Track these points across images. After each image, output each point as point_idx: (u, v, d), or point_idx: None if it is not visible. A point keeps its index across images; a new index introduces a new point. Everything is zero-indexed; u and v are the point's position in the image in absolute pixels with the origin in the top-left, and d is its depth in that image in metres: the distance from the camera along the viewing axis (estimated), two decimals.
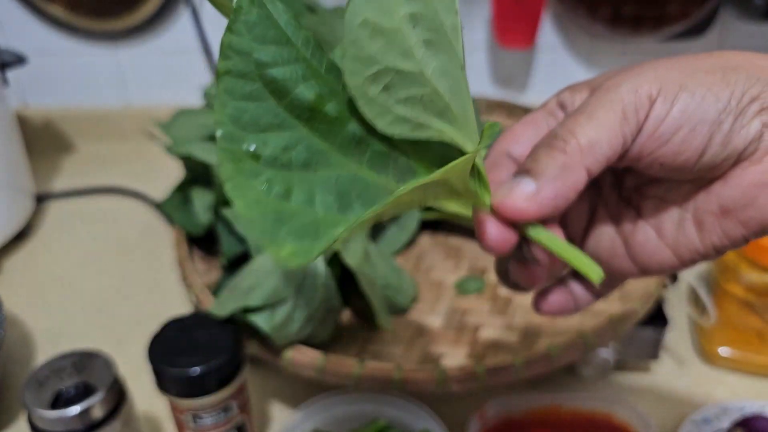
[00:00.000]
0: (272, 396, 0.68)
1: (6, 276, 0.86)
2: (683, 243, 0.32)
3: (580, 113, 0.30)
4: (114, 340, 0.76)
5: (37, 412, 0.50)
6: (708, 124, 0.29)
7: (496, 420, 0.61)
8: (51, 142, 1.12)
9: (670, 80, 0.29)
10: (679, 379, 0.69)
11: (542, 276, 0.33)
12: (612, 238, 0.34)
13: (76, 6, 1.01)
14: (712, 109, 0.29)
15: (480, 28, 1.02)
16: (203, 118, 0.73)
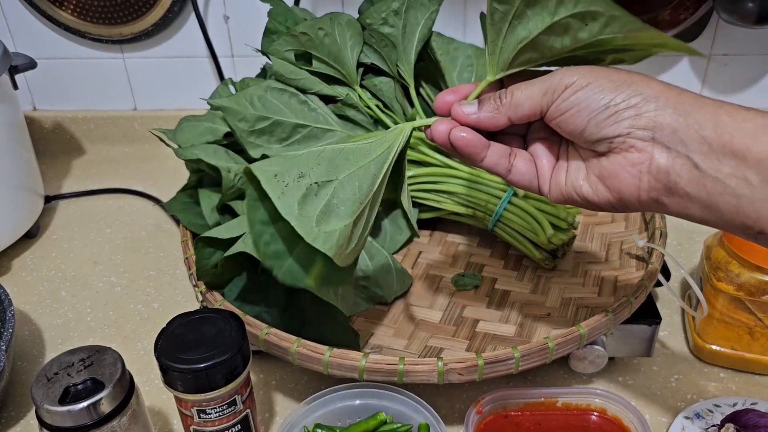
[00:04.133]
0: (276, 390, 0.70)
1: (16, 274, 0.87)
2: (574, 183, 0.48)
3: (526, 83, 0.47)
4: (122, 337, 0.77)
5: (45, 407, 0.51)
6: (590, 111, 0.44)
7: (492, 413, 0.62)
8: (60, 145, 1.14)
9: (584, 78, 0.44)
10: (672, 375, 0.70)
11: None
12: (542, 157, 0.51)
13: (85, 12, 1.03)
14: (597, 103, 0.44)
15: (477, 33, 1.03)
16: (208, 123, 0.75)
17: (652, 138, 0.43)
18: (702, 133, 0.41)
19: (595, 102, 0.44)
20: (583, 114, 0.44)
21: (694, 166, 0.42)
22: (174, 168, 1.07)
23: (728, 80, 1.06)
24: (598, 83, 0.44)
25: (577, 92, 0.44)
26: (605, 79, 0.44)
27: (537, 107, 0.46)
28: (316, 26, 0.72)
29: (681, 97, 0.43)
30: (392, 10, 0.76)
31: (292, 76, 0.72)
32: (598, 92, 0.44)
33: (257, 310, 0.66)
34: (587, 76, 0.44)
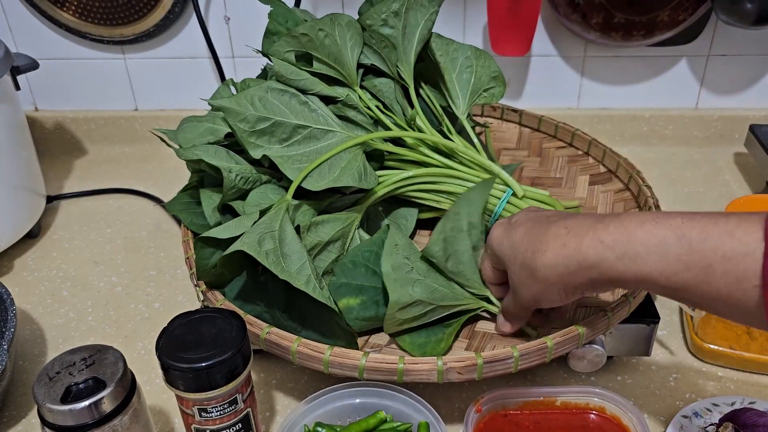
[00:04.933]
0: (277, 389, 0.70)
1: (17, 274, 0.88)
2: None
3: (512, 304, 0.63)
4: (122, 336, 0.78)
5: (47, 406, 0.52)
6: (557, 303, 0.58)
7: (491, 412, 0.63)
8: (61, 145, 1.14)
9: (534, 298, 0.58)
10: (670, 374, 0.71)
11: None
12: None
13: (87, 13, 1.03)
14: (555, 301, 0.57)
15: (476, 34, 1.04)
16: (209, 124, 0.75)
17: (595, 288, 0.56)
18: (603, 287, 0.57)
19: (556, 303, 0.58)
20: (561, 306, 0.63)
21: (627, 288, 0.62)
22: (175, 168, 1.08)
23: (727, 81, 1.06)
24: (540, 296, 0.57)
25: (541, 304, 0.59)
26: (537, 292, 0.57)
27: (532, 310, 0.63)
28: (317, 27, 0.73)
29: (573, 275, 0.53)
30: (392, 11, 0.76)
31: (293, 76, 0.72)
32: (548, 301, 0.58)
33: (258, 310, 0.66)
34: (528, 293, 0.58)
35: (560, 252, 0.53)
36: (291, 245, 0.63)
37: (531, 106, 1.08)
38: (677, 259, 0.47)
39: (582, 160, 0.90)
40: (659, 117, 1.08)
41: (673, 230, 0.48)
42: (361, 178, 0.69)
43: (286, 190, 0.69)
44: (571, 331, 0.60)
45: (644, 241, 0.49)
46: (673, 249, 0.48)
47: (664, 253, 0.48)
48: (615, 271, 0.50)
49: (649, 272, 0.49)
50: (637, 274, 0.49)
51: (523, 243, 0.57)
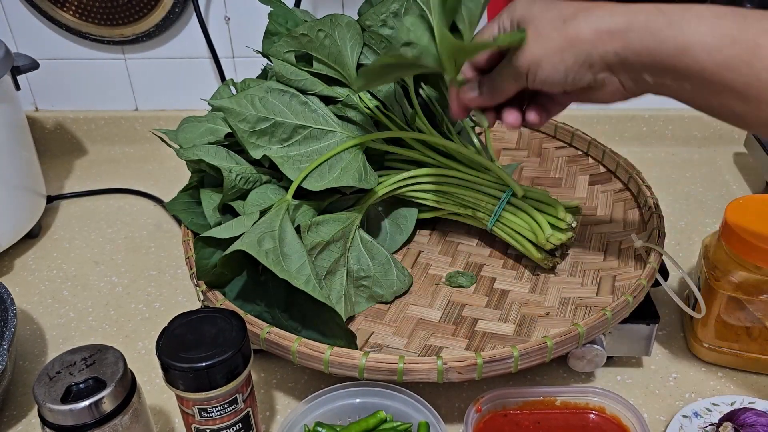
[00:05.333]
0: (277, 389, 0.70)
1: (17, 274, 0.88)
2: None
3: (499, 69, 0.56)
4: (123, 336, 0.78)
5: (47, 406, 0.52)
6: (557, 82, 0.53)
7: (491, 412, 0.63)
8: (62, 145, 1.14)
9: (535, 60, 0.52)
10: (670, 374, 0.71)
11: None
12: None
13: (87, 13, 1.03)
14: (558, 75, 0.52)
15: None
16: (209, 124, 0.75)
17: (612, 72, 0.51)
18: (641, 61, 0.49)
19: (556, 74, 0.52)
20: (556, 83, 0.53)
21: (649, 83, 0.51)
22: (175, 168, 1.08)
23: None
24: (548, 57, 0.52)
25: (537, 73, 0.53)
26: (549, 50, 0.51)
27: (517, 88, 0.56)
28: (317, 28, 0.73)
29: (613, 35, 0.49)
30: (391, 12, 0.76)
31: (293, 77, 0.72)
32: (553, 66, 0.52)
33: (258, 310, 0.66)
34: (534, 51, 0.52)
35: (610, 9, 0.50)
36: (291, 245, 0.63)
37: None
38: (726, 32, 0.46)
39: (582, 160, 0.90)
40: (659, 117, 1.08)
41: (732, 10, 0.47)
42: (361, 178, 0.69)
43: (286, 190, 0.69)
44: (571, 331, 0.60)
45: (700, 12, 0.47)
46: (727, 21, 0.46)
47: (715, 24, 0.46)
48: (660, 36, 0.47)
49: (693, 42, 0.46)
50: (680, 43, 0.47)
51: (563, 3, 0.52)
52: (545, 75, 0.52)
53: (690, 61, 0.47)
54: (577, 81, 0.52)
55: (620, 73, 0.51)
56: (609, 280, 0.73)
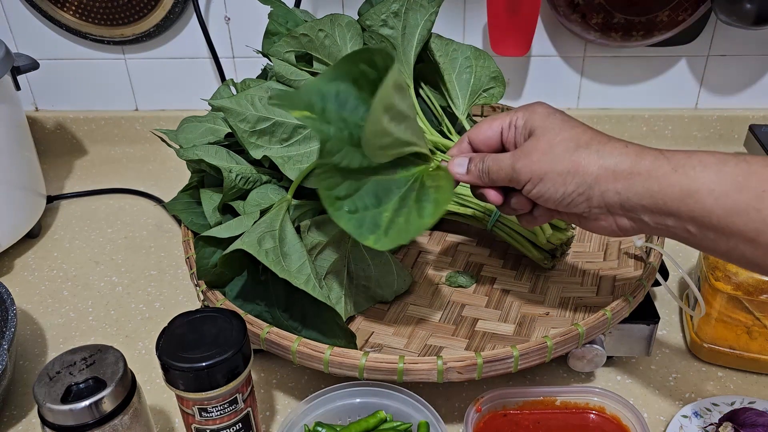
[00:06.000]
0: (277, 389, 0.70)
1: (18, 274, 0.88)
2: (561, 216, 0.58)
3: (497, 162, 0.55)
4: (123, 336, 0.78)
5: (47, 406, 0.52)
6: (553, 200, 0.53)
7: (491, 412, 0.63)
8: (62, 145, 1.14)
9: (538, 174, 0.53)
10: (670, 374, 0.71)
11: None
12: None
13: (87, 13, 1.03)
14: (555, 195, 0.53)
15: (476, 35, 1.04)
16: (209, 124, 0.75)
17: (608, 211, 0.52)
18: (642, 203, 0.50)
19: (553, 192, 0.53)
20: (550, 200, 0.54)
21: (647, 224, 0.52)
22: (175, 168, 1.08)
23: (727, 81, 1.06)
24: (551, 176, 0.52)
25: (537, 185, 0.53)
26: (555, 169, 0.52)
27: (506, 184, 0.56)
28: (317, 27, 0.73)
29: (617, 175, 0.50)
30: (392, 12, 0.76)
31: (293, 77, 0.72)
32: (553, 185, 0.53)
33: (258, 310, 0.66)
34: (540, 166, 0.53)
35: (620, 149, 0.51)
36: (291, 244, 0.63)
37: None
38: (732, 178, 0.47)
39: None
40: (659, 117, 1.08)
41: (735, 156, 0.48)
42: None
43: (286, 190, 0.69)
44: (571, 331, 0.60)
45: (703, 159, 0.48)
46: (731, 168, 0.47)
47: (720, 170, 0.47)
48: (664, 182, 0.49)
49: (698, 187, 0.47)
50: (685, 188, 0.48)
51: (580, 126, 0.54)
52: (543, 190, 0.53)
53: (695, 206, 0.48)
54: (571, 206, 0.53)
55: (616, 213, 0.52)
56: (609, 280, 0.73)
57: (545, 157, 0.53)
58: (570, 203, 0.53)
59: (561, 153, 0.52)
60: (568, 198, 0.52)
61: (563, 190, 0.52)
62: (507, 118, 0.57)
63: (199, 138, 0.74)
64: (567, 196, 0.52)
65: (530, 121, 0.55)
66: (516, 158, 0.54)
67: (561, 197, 0.53)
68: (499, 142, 0.58)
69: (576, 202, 0.52)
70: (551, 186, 0.53)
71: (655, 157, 0.50)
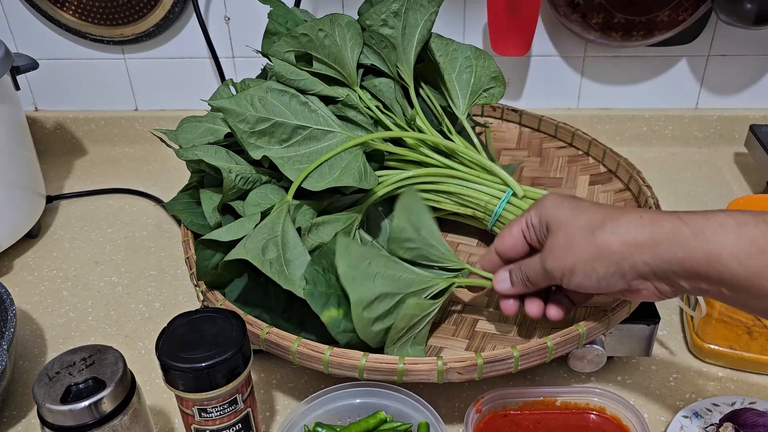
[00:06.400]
0: (277, 389, 0.70)
1: (17, 274, 0.88)
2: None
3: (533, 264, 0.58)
4: (123, 336, 0.78)
5: (47, 407, 0.52)
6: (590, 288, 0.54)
7: (491, 412, 0.63)
8: (61, 145, 1.14)
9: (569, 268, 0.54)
10: (671, 374, 0.71)
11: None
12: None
13: (87, 13, 1.03)
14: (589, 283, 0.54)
15: (476, 35, 1.04)
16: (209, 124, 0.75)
17: (646, 279, 0.52)
18: (672, 269, 0.50)
19: (589, 280, 0.54)
20: (589, 288, 0.54)
21: (685, 288, 0.52)
22: (175, 168, 1.08)
23: (727, 81, 1.06)
24: (581, 266, 0.53)
25: (571, 279, 0.55)
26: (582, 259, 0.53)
27: (549, 285, 0.59)
28: (317, 27, 0.73)
29: (639, 247, 0.51)
30: (392, 12, 0.76)
31: (293, 77, 0.72)
32: (586, 274, 0.53)
33: (257, 311, 0.66)
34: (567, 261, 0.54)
35: (635, 221, 0.51)
36: (294, 250, 0.63)
37: (531, 106, 1.08)
38: (753, 241, 0.47)
39: (582, 160, 0.90)
40: (659, 117, 1.08)
41: (753, 215, 0.48)
42: (361, 179, 0.69)
43: (286, 190, 0.69)
44: (571, 331, 0.60)
45: (722, 221, 0.48)
46: (751, 230, 0.47)
47: (740, 233, 0.47)
48: (687, 247, 0.49)
49: (721, 252, 0.47)
50: (708, 253, 0.48)
51: (590, 209, 0.55)
52: (579, 281, 0.54)
53: (722, 269, 0.48)
54: (611, 286, 0.53)
55: (653, 280, 0.52)
56: None
57: (568, 251, 0.54)
58: (608, 285, 0.53)
59: (580, 243, 0.53)
60: (604, 281, 0.53)
61: (595, 275, 0.53)
62: (522, 220, 0.60)
63: (199, 138, 0.74)
64: (602, 279, 0.53)
65: (543, 216, 0.57)
66: (543, 259, 0.56)
67: (597, 282, 0.53)
68: (525, 245, 0.60)
69: (613, 282, 0.53)
70: (584, 276, 0.54)
71: (672, 224, 0.50)
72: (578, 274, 0.54)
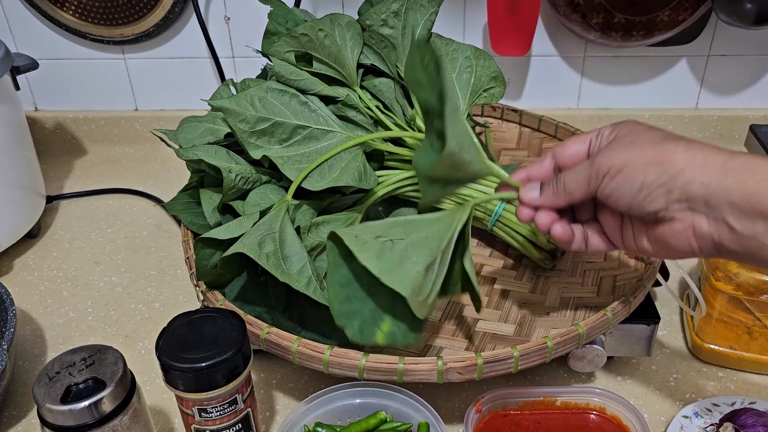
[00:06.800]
0: (277, 389, 0.70)
1: (17, 274, 0.88)
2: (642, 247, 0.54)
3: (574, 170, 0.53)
4: (123, 336, 0.78)
5: (47, 407, 0.52)
6: (629, 194, 0.50)
7: (491, 412, 0.63)
8: (61, 145, 1.14)
9: (618, 161, 0.50)
10: (671, 374, 0.71)
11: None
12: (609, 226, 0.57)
13: (87, 13, 1.03)
14: (632, 187, 0.49)
15: (476, 35, 1.04)
16: (209, 124, 0.75)
17: (689, 208, 0.48)
18: (730, 199, 0.45)
19: (631, 186, 0.49)
20: (625, 196, 0.50)
21: (731, 229, 0.46)
22: (175, 168, 1.08)
23: (727, 81, 1.06)
24: (632, 166, 0.49)
25: (614, 178, 0.50)
26: (637, 160, 0.49)
27: (586, 193, 0.53)
28: (317, 27, 0.73)
29: (706, 167, 0.46)
30: (392, 12, 0.76)
31: (293, 77, 0.72)
32: (632, 176, 0.49)
33: (258, 310, 0.66)
34: (621, 156, 0.50)
35: (711, 147, 0.47)
36: (291, 246, 0.63)
37: (531, 106, 1.08)
38: None
39: None
40: (659, 117, 1.08)
41: None
42: (361, 179, 0.69)
43: (286, 190, 0.69)
44: (571, 332, 0.60)
45: None
46: None
47: None
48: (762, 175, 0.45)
49: None
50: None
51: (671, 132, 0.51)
52: (619, 184, 0.50)
53: None
54: (646, 203, 0.49)
55: (698, 210, 0.47)
56: (609, 280, 0.72)
57: (628, 148, 0.50)
58: (646, 197, 0.48)
59: (645, 144, 0.49)
60: (646, 190, 0.48)
61: (641, 180, 0.48)
62: (595, 131, 0.56)
63: (199, 138, 0.74)
64: (645, 187, 0.48)
65: (617, 129, 0.53)
66: (594, 157, 0.52)
67: (638, 189, 0.48)
68: (585, 155, 0.56)
69: (653, 196, 0.48)
70: (629, 178, 0.49)
71: (750, 156, 0.46)
72: (624, 174, 0.49)
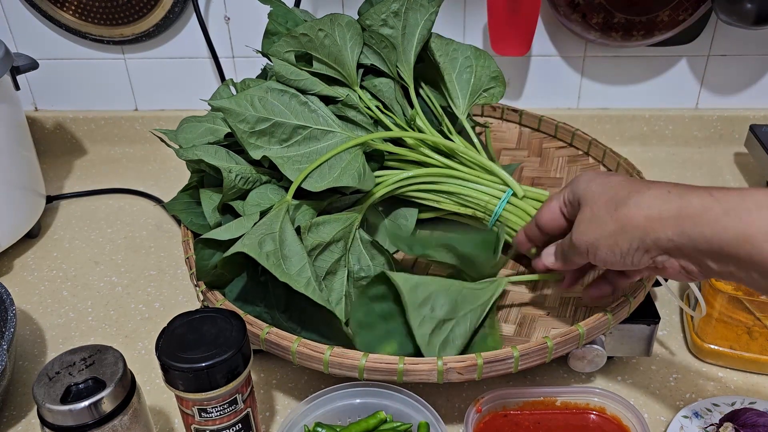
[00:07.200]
0: (277, 389, 0.70)
1: (17, 274, 0.88)
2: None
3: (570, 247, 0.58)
4: (123, 336, 0.78)
5: (47, 407, 0.52)
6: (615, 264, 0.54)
7: (491, 412, 0.63)
8: (61, 145, 1.14)
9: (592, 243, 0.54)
10: (671, 374, 0.71)
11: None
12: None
13: (87, 13, 1.03)
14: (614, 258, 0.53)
15: (476, 35, 1.04)
16: (209, 124, 0.75)
17: (671, 257, 0.51)
18: (698, 248, 0.48)
19: (613, 256, 0.53)
20: (615, 266, 0.54)
21: (713, 270, 0.49)
22: (175, 168, 1.08)
23: (727, 81, 1.06)
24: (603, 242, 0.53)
25: (596, 254, 0.54)
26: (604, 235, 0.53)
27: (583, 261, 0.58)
28: (317, 27, 0.73)
29: (664, 220, 0.49)
30: (392, 12, 0.76)
31: (293, 77, 0.72)
32: (610, 249, 0.53)
33: (257, 311, 0.66)
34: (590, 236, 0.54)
35: (662, 195, 0.50)
36: (291, 247, 0.63)
37: (531, 106, 1.08)
38: None
39: (582, 160, 0.90)
40: (659, 117, 1.08)
41: None
42: (360, 179, 0.69)
43: (286, 190, 0.69)
44: (571, 332, 0.60)
45: (758, 201, 0.45)
46: None
47: None
48: (716, 226, 0.46)
49: (753, 233, 0.44)
50: (739, 234, 0.45)
51: (620, 183, 0.54)
52: (603, 256, 0.54)
53: (753, 251, 0.45)
54: (635, 263, 0.52)
55: (679, 258, 0.50)
56: None
57: (591, 225, 0.54)
58: (633, 260, 0.52)
59: (603, 216, 0.53)
60: (628, 256, 0.52)
61: (619, 250, 0.52)
62: (561, 196, 0.61)
63: (199, 138, 0.74)
64: (625, 254, 0.52)
65: (575, 193, 0.58)
66: (572, 234, 0.57)
67: (621, 258, 0.52)
68: (563, 221, 0.61)
69: (637, 258, 0.52)
70: (608, 250, 0.53)
71: (702, 199, 0.48)
72: (602, 249, 0.53)
